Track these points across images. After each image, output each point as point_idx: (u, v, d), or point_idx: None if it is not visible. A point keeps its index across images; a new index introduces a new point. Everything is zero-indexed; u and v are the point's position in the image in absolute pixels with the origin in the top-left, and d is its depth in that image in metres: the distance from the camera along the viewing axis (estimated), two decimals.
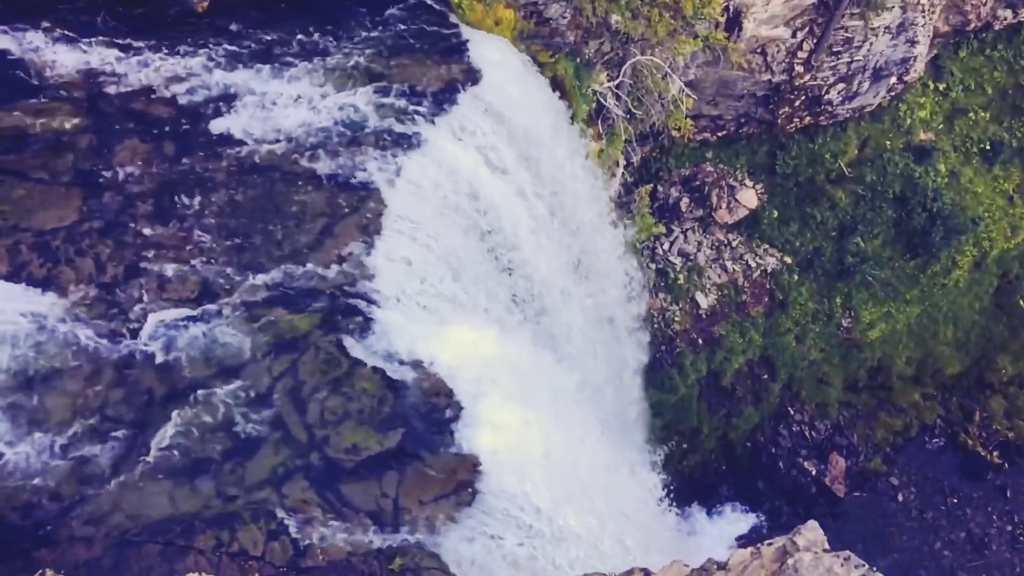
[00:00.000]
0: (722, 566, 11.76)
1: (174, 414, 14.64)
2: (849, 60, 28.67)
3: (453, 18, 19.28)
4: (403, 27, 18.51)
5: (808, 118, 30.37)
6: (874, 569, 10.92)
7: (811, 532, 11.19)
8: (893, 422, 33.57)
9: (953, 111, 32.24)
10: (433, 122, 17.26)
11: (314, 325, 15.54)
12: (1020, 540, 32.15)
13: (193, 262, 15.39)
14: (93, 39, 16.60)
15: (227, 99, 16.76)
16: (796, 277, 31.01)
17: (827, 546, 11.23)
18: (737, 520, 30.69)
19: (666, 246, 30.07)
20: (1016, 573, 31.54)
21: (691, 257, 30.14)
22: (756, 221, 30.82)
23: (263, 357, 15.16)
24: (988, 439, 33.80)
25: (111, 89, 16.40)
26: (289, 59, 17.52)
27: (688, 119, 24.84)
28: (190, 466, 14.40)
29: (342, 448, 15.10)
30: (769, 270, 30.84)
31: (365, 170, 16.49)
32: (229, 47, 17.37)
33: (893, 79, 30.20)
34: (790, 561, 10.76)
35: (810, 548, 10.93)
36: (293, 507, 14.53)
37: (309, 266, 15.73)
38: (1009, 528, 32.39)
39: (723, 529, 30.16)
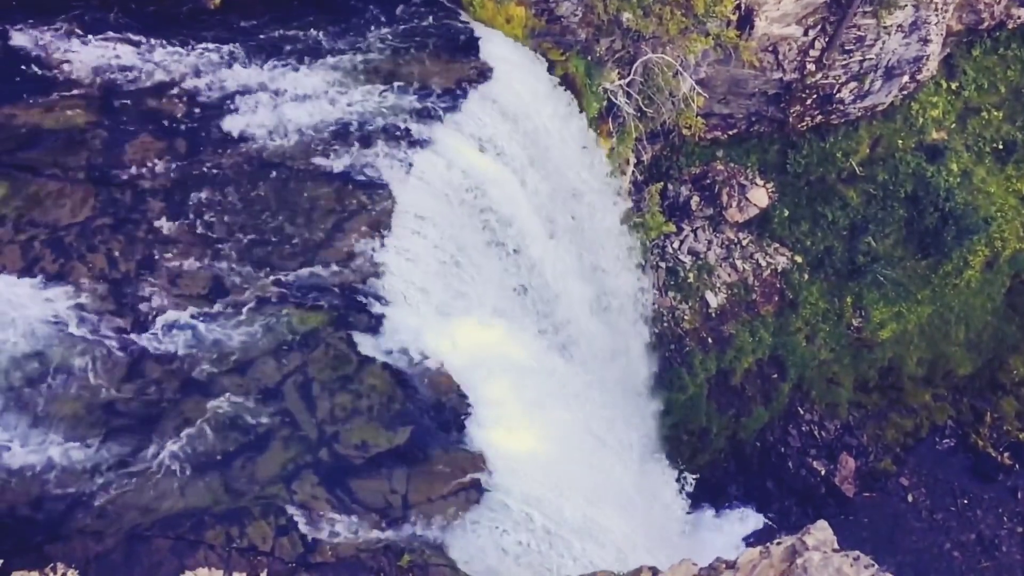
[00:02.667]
0: (731, 565, 11.75)
1: (185, 410, 14.71)
2: (861, 58, 28.53)
3: (464, 16, 19.29)
4: (414, 24, 18.54)
5: (819, 117, 30.26)
6: (883, 569, 10.90)
7: (820, 532, 11.16)
8: (903, 422, 33.42)
9: (966, 110, 32.05)
10: (443, 119, 17.28)
11: (324, 322, 15.59)
12: None
13: (204, 258, 15.45)
14: (106, 36, 16.68)
15: (239, 96, 16.82)
16: (806, 276, 30.90)
17: (836, 546, 11.21)
18: (746, 520, 30.62)
19: (676, 245, 30.01)
20: None
21: (701, 256, 30.08)
22: (766, 220, 30.73)
23: (273, 353, 15.22)
24: (999, 440, 33.61)
25: (124, 86, 16.48)
26: (300, 56, 17.57)
27: (699, 117, 24.77)
28: (200, 462, 14.46)
29: (351, 445, 15.15)
30: (779, 269, 30.75)
31: (375, 167, 16.53)
32: (241, 44, 17.43)
33: (905, 78, 30.04)
34: (799, 560, 10.74)
35: (819, 548, 10.91)
36: (302, 503, 14.58)
37: (320, 263, 15.78)
38: (1020, 530, 32.21)
39: (732, 529, 30.09)
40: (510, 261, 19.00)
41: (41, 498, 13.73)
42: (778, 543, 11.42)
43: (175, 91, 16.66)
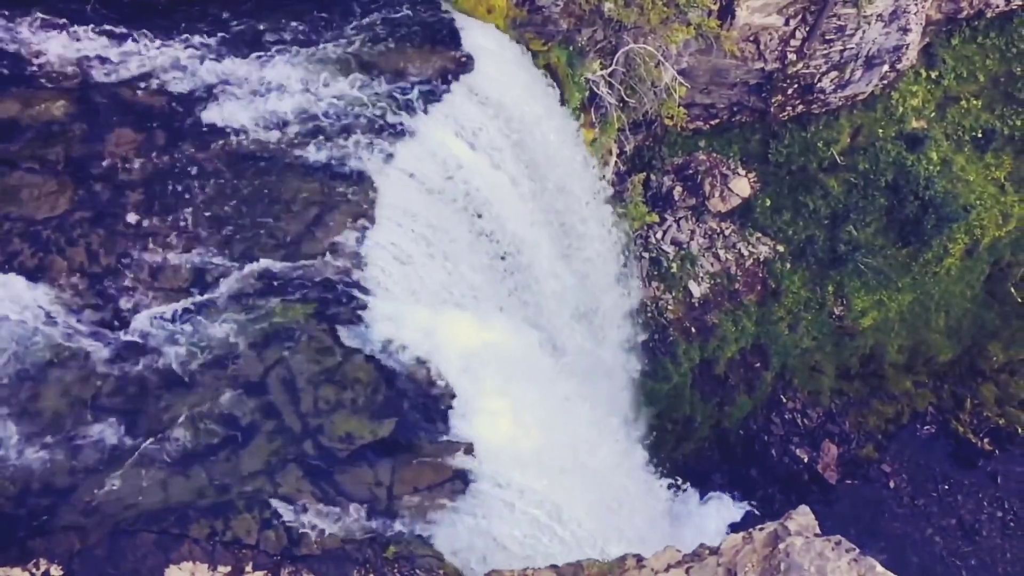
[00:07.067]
0: (714, 551, 11.85)
1: (167, 404, 14.65)
2: (842, 48, 28.65)
3: (445, 6, 19.21)
4: (395, 15, 18.44)
5: (801, 106, 30.38)
6: (865, 554, 11.01)
7: (802, 517, 11.27)
8: (885, 409, 33.73)
9: (945, 99, 32.25)
10: (425, 110, 17.23)
11: (307, 314, 15.55)
12: (1011, 526, 32.37)
13: (185, 252, 15.36)
14: (83, 27, 16.50)
15: (218, 87, 16.69)
16: (789, 265, 31.07)
17: (818, 531, 11.31)
18: (730, 507, 30.85)
19: (659, 235, 30.10)
20: (1007, 559, 31.76)
21: (684, 246, 30.18)
22: (749, 209, 30.86)
23: (256, 347, 15.17)
24: (979, 426, 33.98)
25: (102, 78, 16.31)
26: (281, 47, 17.44)
27: (681, 107, 24.79)
28: (184, 456, 14.42)
29: (336, 437, 15.14)
30: (762, 258, 30.90)
31: (358, 158, 16.46)
32: (220, 35, 17.29)
33: (886, 67, 30.20)
34: (781, 546, 10.84)
35: (802, 532, 11.01)
36: (287, 496, 14.58)
37: (302, 255, 15.71)
38: (1000, 515, 32.59)
39: (716, 516, 30.31)
40: (494, 251, 18.99)
41: (23, 494, 13.66)
42: (761, 529, 11.52)
43: (154, 83, 16.51)
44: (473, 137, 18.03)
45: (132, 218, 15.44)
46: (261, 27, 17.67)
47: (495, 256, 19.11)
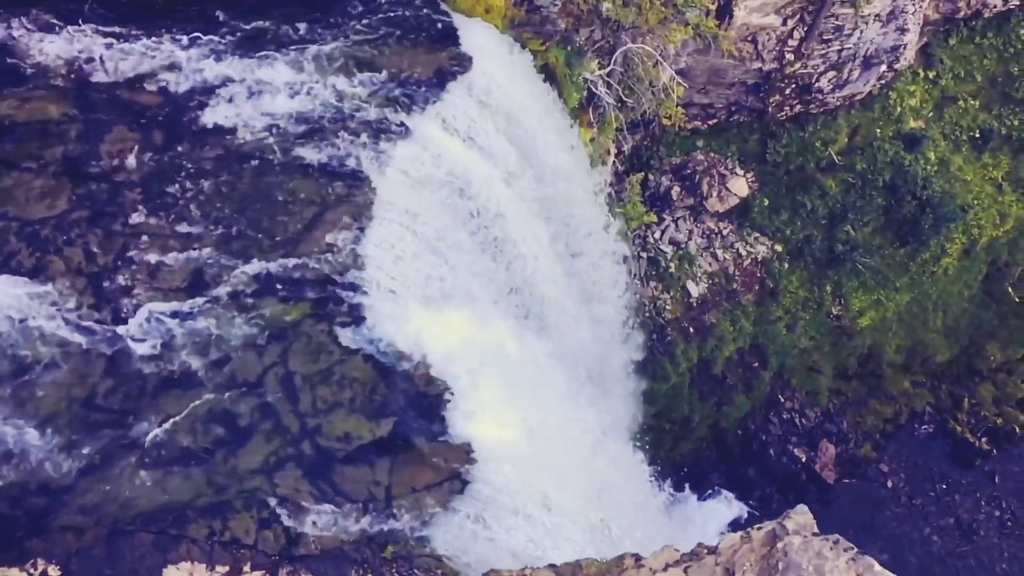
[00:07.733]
0: (712, 550, 11.86)
1: (165, 404, 14.64)
2: (839, 48, 28.68)
3: (443, 5, 19.21)
4: (393, 14, 18.43)
5: (799, 106, 30.39)
6: (863, 553, 11.02)
7: (801, 516, 11.28)
8: (883, 409, 33.75)
9: (943, 99, 32.27)
10: (423, 110, 17.21)
11: (305, 314, 15.54)
12: (1008, 526, 32.42)
13: (183, 251, 15.34)
14: (80, 27, 16.48)
15: (216, 87, 16.67)
16: (787, 265, 31.09)
17: (816, 530, 11.32)
18: (728, 507, 30.87)
19: (657, 235, 30.10)
20: (1004, 558, 31.80)
21: (682, 246, 30.19)
22: (747, 209, 30.87)
23: (254, 346, 15.16)
24: (977, 425, 34.02)
25: (99, 78, 16.30)
26: (278, 47, 17.43)
27: (679, 107, 24.80)
28: (182, 456, 14.41)
29: (334, 436, 15.14)
30: (760, 258, 30.91)
31: (355, 158, 16.45)
32: (218, 35, 17.28)
33: (883, 67, 30.23)
34: (780, 545, 10.85)
35: (799, 532, 11.02)
36: (285, 496, 14.57)
37: (300, 255, 15.70)
38: (997, 514, 32.63)
39: (714, 516, 30.34)
40: (492, 250, 18.99)
41: (21, 494, 13.64)
42: (759, 528, 11.53)
43: (151, 83, 16.49)
44: (471, 136, 18.02)
45: (130, 218, 15.42)
46: (259, 27, 17.65)
47: (493, 255, 19.10)
